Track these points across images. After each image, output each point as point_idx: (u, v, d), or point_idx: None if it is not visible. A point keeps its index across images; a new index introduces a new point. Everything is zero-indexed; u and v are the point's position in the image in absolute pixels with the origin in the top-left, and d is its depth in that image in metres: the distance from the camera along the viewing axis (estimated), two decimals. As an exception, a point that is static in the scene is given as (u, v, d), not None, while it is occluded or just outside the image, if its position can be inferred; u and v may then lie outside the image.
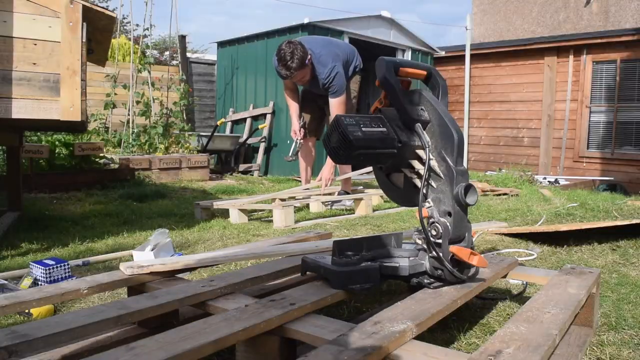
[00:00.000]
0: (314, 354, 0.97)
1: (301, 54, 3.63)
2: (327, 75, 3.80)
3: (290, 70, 3.64)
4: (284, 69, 3.66)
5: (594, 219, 3.29)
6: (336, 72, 3.80)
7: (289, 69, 3.64)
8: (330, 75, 3.80)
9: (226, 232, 3.06)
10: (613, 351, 1.37)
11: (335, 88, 3.81)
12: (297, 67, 3.63)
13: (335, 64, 3.82)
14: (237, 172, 7.27)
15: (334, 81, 3.80)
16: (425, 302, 1.26)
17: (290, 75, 3.70)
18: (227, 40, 8.57)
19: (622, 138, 8.59)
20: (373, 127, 1.35)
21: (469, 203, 1.33)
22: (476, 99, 10.06)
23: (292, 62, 3.61)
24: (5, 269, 2.17)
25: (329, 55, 3.85)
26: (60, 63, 2.37)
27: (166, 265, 1.54)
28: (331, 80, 3.80)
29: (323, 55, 3.83)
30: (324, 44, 3.97)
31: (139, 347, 0.97)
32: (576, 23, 11.03)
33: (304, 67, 3.69)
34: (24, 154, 4.15)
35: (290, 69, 3.63)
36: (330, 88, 3.82)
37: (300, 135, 4.23)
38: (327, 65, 3.80)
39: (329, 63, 3.81)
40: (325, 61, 3.81)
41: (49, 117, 2.38)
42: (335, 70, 3.80)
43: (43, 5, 2.34)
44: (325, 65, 3.80)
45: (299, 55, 3.62)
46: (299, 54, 3.62)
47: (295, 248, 1.79)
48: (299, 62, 3.62)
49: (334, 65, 3.82)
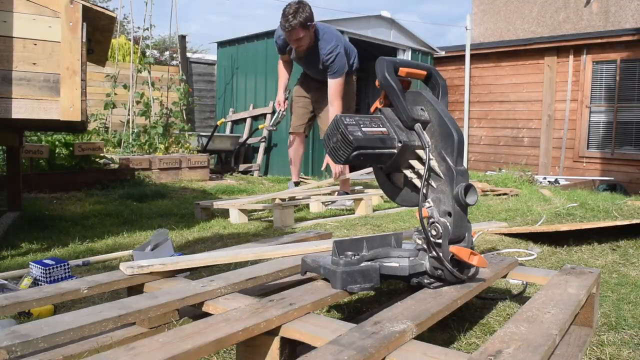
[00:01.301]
0: (314, 354, 0.97)
1: (307, 15, 3.63)
2: (330, 52, 3.78)
3: (291, 23, 3.60)
4: (285, 22, 3.62)
5: (594, 219, 3.29)
6: (338, 51, 3.80)
7: (289, 22, 3.60)
8: (332, 53, 3.78)
9: (226, 232, 3.06)
10: (613, 351, 1.37)
11: (335, 68, 3.80)
12: (299, 24, 3.59)
13: (338, 44, 3.83)
14: (237, 172, 7.27)
15: (335, 60, 3.79)
16: (425, 302, 1.26)
17: (289, 29, 3.63)
18: (227, 40, 8.57)
19: (622, 138, 8.59)
20: (373, 127, 1.35)
21: (469, 203, 1.33)
22: (476, 99, 10.06)
23: (294, 16, 3.58)
24: (5, 269, 2.17)
25: (332, 35, 3.87)
26: (60, 63, 2.37)
27: (166, 265, 1.54)
28: (333, 59, 3.79)
29: (327, 33, 3.85)
30: (329, 26, 4.02)
31: (139, 347, 0.97)
32: (576, 23, 11.03)
33: (306, 28, 3.65)
34: (24, 154, 4.15)
35: (292, 22, 3.59)
36: (330, 67, 3.81)
37: (283, 107, 4.30)
38: (330, 42, 3.81)
39: (332, 41, 3.82)
40: (329, 38, 3.82)
41: (49, 117, 2.38)
42: (338, 50, 3.80)
43: (43, 5, 2.33)
44: (328, 42, 3.80)
45: (305, 16, 3.60)
46: (305, 14, 3.61)
47: (295, 248, 1.79)
48: (303, 20, 3.59)
49: (337, 45, 3.82)
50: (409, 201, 1.48)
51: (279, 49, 4.07)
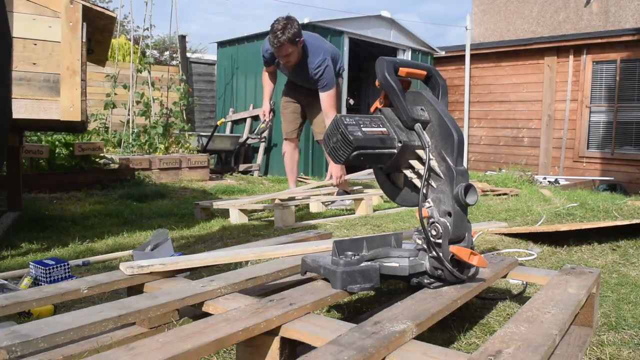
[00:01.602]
0: (314, 354, 0.97)
1: (295, 31, 3.63)
2: (318, 66, 3.80)
3: (280, 39, 3.60)
4: (274, 38, 3.63)
5: (594, 219, 3.29)
6: (326, 65, 3.82)
7: (278, 38, 3.60)
8: (320, 67, 3.80)
9: (226, 232, 3.06)
10: (613, 351, 1.37)
11: (325, 81, 3.83)
12: (287, 40, 3.60)
13: (326, 57, 3.85)
14: (237, 172, 7.27)
15: (324, 74, 3.81)
16: (425, 302, 1.26)
17: (277, 45, 3.64)
18: (227, 40, 8.57)
19: (622, 138, 8.59)
20: (373, 127, 1.35)
21: (469, 203, 1.33)
22: (476, 99, 10.06)
23: (283, 32, 3.58)
24: (5, 269, 2.17)
25: (320, 48, 3.89)
26: (60, 63, 2.37)
27: (166, 265, 1.54)
28: (321, 73, 3.81)
29: (315, 46, 3.87)
30: (315, 37, 4.03)
31: (139, 347, 0.97)
32: (576, 23, 11.03)
33: (294, 44, 3.66)
34: (24, 154, 4.15)
35: (280, 38, 3.59)
36: (319, 81, 3.83)
37: (269, 116, 4.35)
38: (318, 55, 3.82)
39: (320, 54, 3.84)
40: (317, 52, 3.84)
41: (49, 117, 2.38)
42: (326, 64, 3.83)
43: (43, 5, 2.34)
44: (316, 55, 3.82)
45: (293, 32, 3.61)
46: (294, 30, 3.62)
47: (295, 248, 1.79)
48: (291, 35, 3.60)
49: (325, 58, 3.84)
50: (409, 201, 1.48)
51: (266, 62, 4.07)
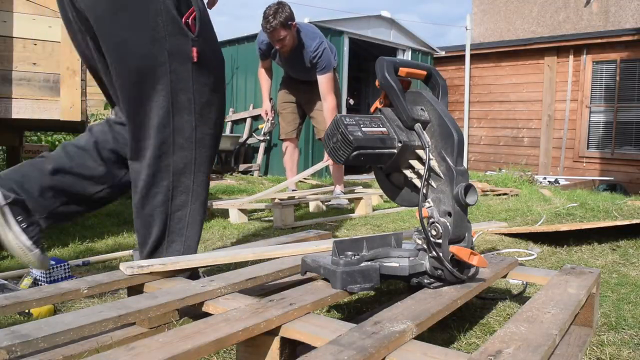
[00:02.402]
0: (314, 354, 0.97)
1: (287, 14, 3.63)
2: (316, 48, 3.80)
3: (272, 24, 3.60)
4: (266, 23, 3.63)
5: (594, 219, 3.29)
6: (324, 47, 3.83)
7: (270, 23, 3.61)
8: (318, 49, 3.80)
9: (226, 232, 3.06)
10: (613, 351, 1.37)
11: (323, 64, 3.82)
12: (279, 24, 3.60)
13: (323, 41, 3.87)
14: (237, 172, 7.28)
15: (322, 56, 3.81)
16: (425, 302, 1.26)
17: (270, 30, 3.64)
18: (227, 40, 8.57)
19: (622, 138, 8.59)
20: (373, 127, 1.35)
21: (469, 203, 1.33)
22: (476, 99, 10.06)
23: (275, 16, 3.59)
24: (5, 269, 2.17)
25: (316, 33, 3.91)
26: (60, 63, 2.37)
27: (166, 265, 1.54)
28: (320, 55, 3.80)
29: (310, 31, 3.89)
30: (310, 25, 4.06)
31: (139, 347, 0.97)
32: (576, 23, 11.04)
33: (287, 27, 3.66)
34: (24, 154, 4.15)
35: (272, 23, 3.60)
36: (318, 64, 3.83)
37: (271, 115, 4.32)
38: (315, 39, 3.83)
39: (317, 38, 3.85)
40: (313, 36, 3.86)
41: (49, 117, 2.38)
42: (324, 46, 3.84)
43: (43, 5, 2.34)
44: (313, 39, 3.83)
45: (285, 15, 3.62)
46: (285, 13, 3.62)
47: (295, 248, 1.79)
48: (283, 19, 3.60)
49: (321, 41, 3.86)
50: (409, 201, 1.48)
51: (263, 54, 4.06)
